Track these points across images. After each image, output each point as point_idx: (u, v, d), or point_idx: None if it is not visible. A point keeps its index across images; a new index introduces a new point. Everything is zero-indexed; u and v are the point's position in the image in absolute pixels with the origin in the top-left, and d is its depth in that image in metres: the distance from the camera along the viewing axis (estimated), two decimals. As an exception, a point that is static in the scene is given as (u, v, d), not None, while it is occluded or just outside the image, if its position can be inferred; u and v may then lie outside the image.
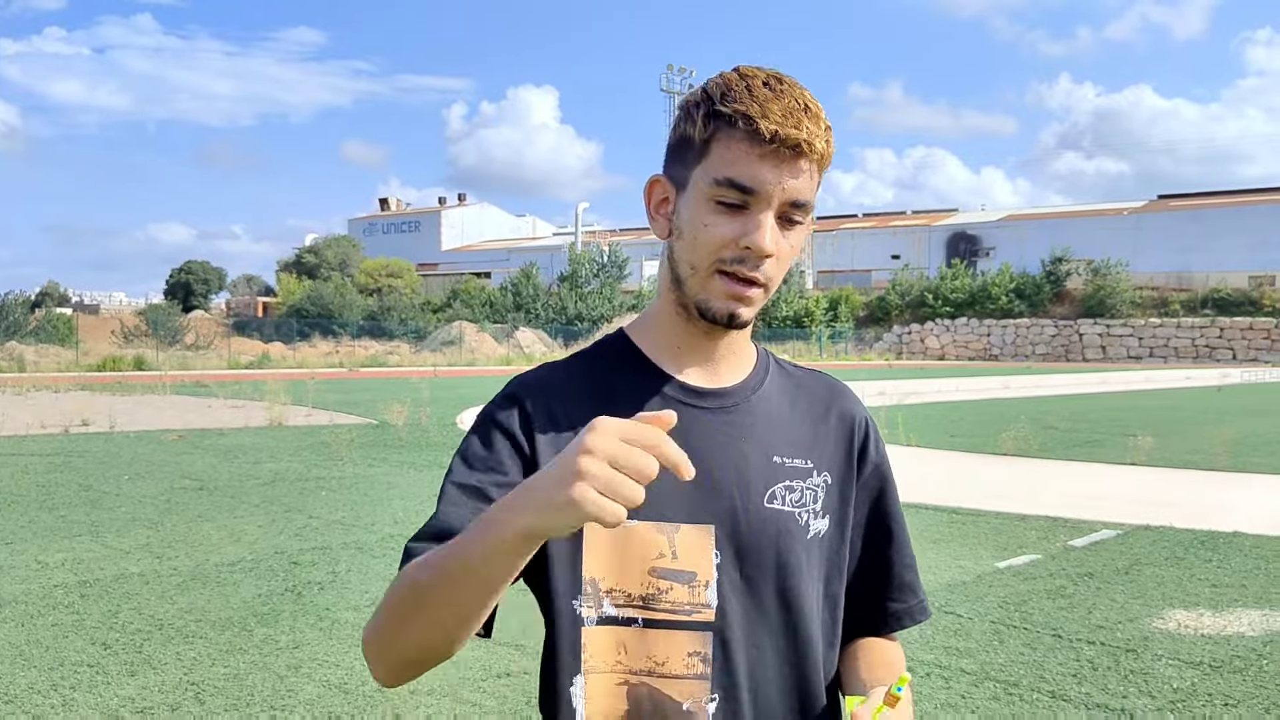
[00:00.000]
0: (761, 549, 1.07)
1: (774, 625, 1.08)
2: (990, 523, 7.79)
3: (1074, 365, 52.71)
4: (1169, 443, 13.14)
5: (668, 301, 1.10)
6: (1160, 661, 4.49)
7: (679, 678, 1.04)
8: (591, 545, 1.03)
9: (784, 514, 1.08)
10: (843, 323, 64.84)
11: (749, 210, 1.01)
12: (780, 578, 1.08)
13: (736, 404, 1.11)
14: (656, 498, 0.98)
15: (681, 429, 0.99)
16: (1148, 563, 6.41)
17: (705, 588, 1.04)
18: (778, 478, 1.09)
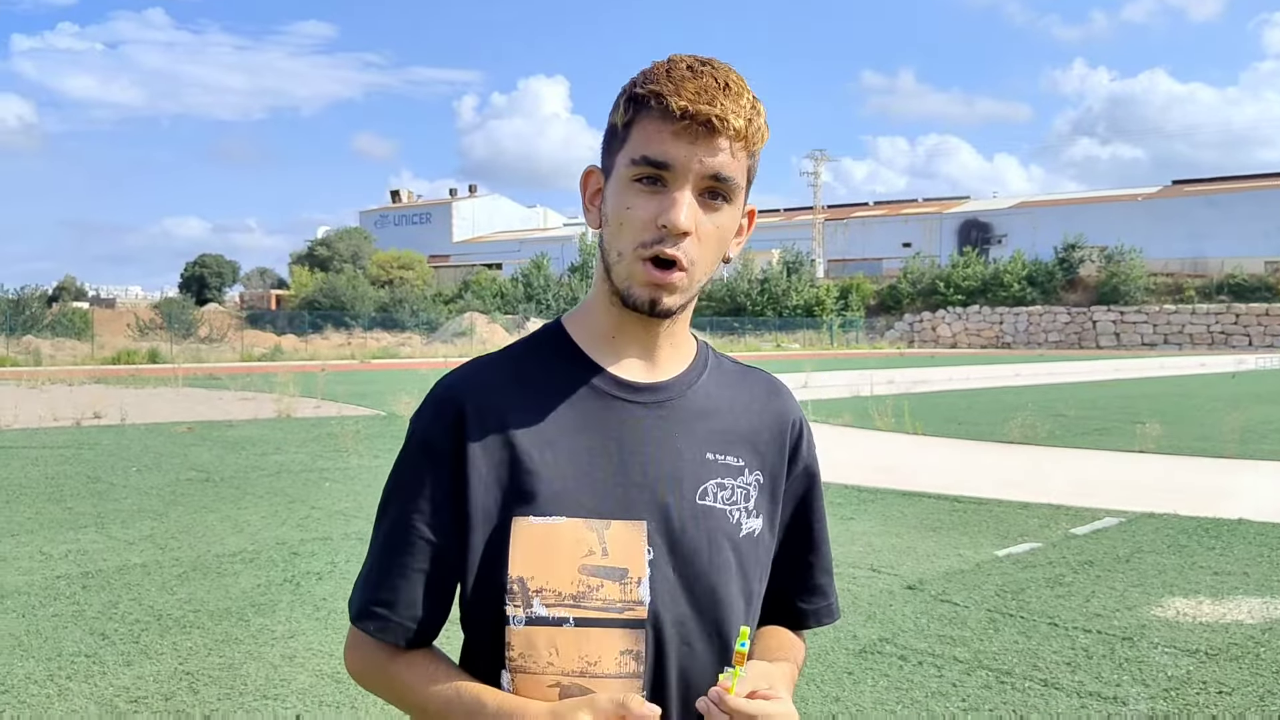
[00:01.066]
0: (694, 546, 1.06)
1: (704, 623, 1.07)
2: (992, 511, 7.76)
3: (1087, 353, 52.45)
4: (1178, 430, 13.07)
5: (601, 291, 1.09)
6: (1156, 649, 4.47)
7: (611, 677, 1.02)
8: (519, 544, 1.02)
9: (715, 511, 1.08)
10: (854, 311, 64.64)
11: (666, 188, 1.01)
12: (711, 575, 1.07)
13: (670, 398, 1.10)
14: (586, 494, 1.02)
15: (613, 422, 1.07)
16: (1149, 550, 6.38)
17: (638, 584, 1.03)
18: (710, 474, 1.08)
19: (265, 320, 57.49)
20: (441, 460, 1.06)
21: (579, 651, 1.02)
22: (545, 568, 1.02)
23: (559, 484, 1.03)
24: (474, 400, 1.07)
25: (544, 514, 1.03)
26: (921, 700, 3.88)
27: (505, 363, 1.12)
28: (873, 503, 8.13)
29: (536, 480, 1.03)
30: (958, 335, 62.72)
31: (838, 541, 6.61)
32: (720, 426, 1.12)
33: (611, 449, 1.06)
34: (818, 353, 46.62)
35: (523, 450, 1.04)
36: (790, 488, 1.18)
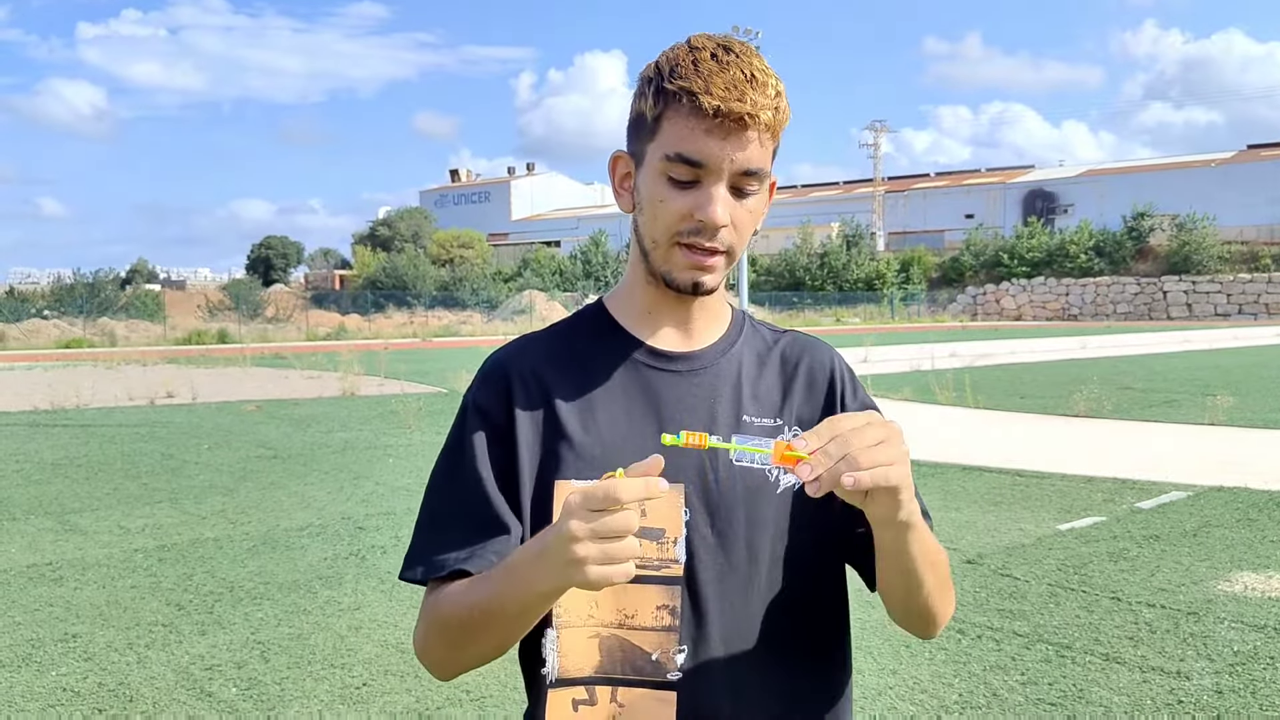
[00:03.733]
0: (730, 506, 1.10)
1: (744, 579, 1.10)
2: (1055, 485, 7.65)
3: (1157, 324, 51.12)
4: (1250, 402, 12.72)
5: (638, 271, 1.14)
6: (1222, 624, 4.40)
7: (648, 629, 1.08)
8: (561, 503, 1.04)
9: (753, 472, 1.10)
10: (915, 285, 63.73)
11: (701, 184, 1.05)
12: (750, 534, 1.10)
13: (705, 366, 1.15)
14: (626, 458, 1.00)
15: (651, 391, 1.13)
16: (1218, 525, 6.25)
17: (674, 544, 1.08)
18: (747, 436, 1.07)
19: (329, 300, 58.52)
20: (491, 423, 1.12)
21: (617, 604, 1.08)
22: None
23: (599, 449, 1.09)
24: (520, 371, 1.13)
25: (584, 476, 1.06)
26: (979, 674, 3.87)
27: (550, 339, 1.18)
28: (933, 477, 8.06)
29: (578, 445, 1.09)
30: (1022, 308, 61.54)
31: (896, 516, 6.58)
32: (754, 388, 1.15)
33: (650, 415, 1.11)
34: (878, 327, 46.09)
35: (565, 418, 1.10)
36: None
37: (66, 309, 43.12)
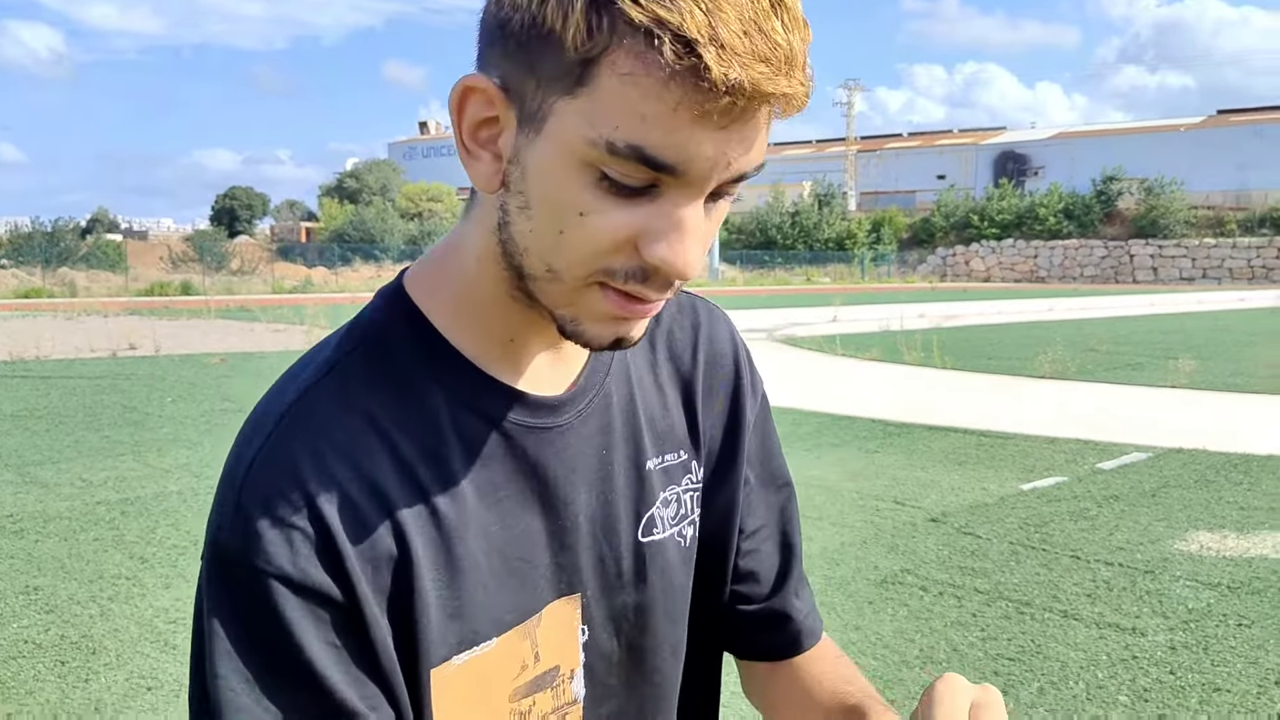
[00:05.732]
0: (642, 603, 0.79)
1: (658, 682, 0.83)
2: (1018, 445, 7.75)
3: (1123, 287, 51.71)
4: (1212, 365, 12.92)
5: (495, 279, 0.69)
6: (1178, 582, 4.49)
7: None
8: (443, 703, 0.69)
9: (666, 544, 0.80)
10: (886, 245, 63.97)
11: (662, 197, 0.60)
12: (667, 628, 0.81)
13: (591, 399, 0.77)
14: (515, 591, 0.72)
15: (531, 467, 0.73)
16: (1176, 485, 6.37)
17: (570, 679, 0.76)
18: (653, 493, 0.80)
19: (295, 253, 57.80)
20: (322, 610, 0.64)
21: None
22: (474, 717, 0.72)
23: (480, 594, 0.70)
24: (338, 496, 0.65)
25: (467, 648, 0.70)
26: (941, 629, 3.93)
27: (359, 395, 0.69)
28: (899, 437, 8.14)
29: (451, 603, 0.68)
30: (991, 269, 61.99)
31: (863, 475, 6.65)
32: (653, 414, 0.81)
33: (534, 509, 0.73)
34: (848, 287, 46.29)
35: (424, 562, 0.67)
36: (755, 432, 0.89)
37: (25, 258, 42.30)
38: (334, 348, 0.72)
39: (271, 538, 0.63)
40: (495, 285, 0.70)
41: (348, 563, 0.64)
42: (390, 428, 0.68)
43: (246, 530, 0.63)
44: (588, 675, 0.77)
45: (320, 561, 0.63)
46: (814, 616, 0.92)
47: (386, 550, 0.66)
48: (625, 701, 0.80)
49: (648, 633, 0.80)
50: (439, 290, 0.73)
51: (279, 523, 0.63)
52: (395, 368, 0.71)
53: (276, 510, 0.63)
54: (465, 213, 0.73)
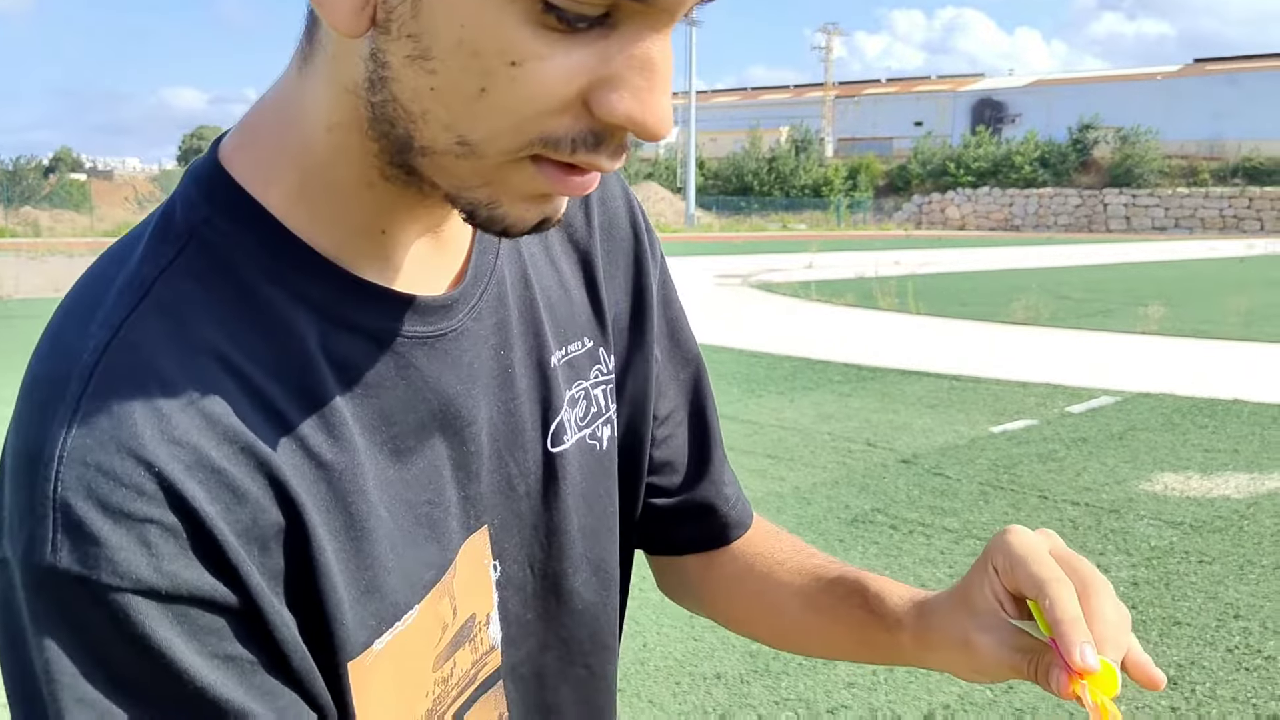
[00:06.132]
0: (555, 523, 0.66)
1: (580, 607, 0.70)
2: (990, 389, 7.82)
3: (1097, 236, 51.99)
4: (1181, 312, 13.05)
5: (358, 156, 0.52)
6: (1142, 521, 4.57)
7: None
8: (366, 698, 0.55)
9: (577, 451, 0.68)
10: (862, 192, 63.87)
11: (621, 30, 0.46)
12: (586, 546, 0.69)
13: (485, 291, 0.62)
14: (424, 545, 0.58)
15: (423, 388, 0.58)
16: (1143, 428, 6.45)
17: (486, 625, 0.64)
18: (559, 395, 0.67)
19: (267, 195, 56.97)
20: (205, 619, 0.48)
21: None
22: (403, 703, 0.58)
23: (392, 557, 0.55)
24: (197, 466, 0.47)
25: (388, 627, 0.55)
26: (910, 566, 3.98)
27: (189, 340, 0.50)
28: (872, 380, 8.18)
29: (362, 576, 0.54)
30: (966, 217, 62.10)
31: (835, 418, 6.70)
32: (552, 295, 0.68)
33: (435, 438, 0.59)
34: (824, 234, 46.25)
35: (320, 529, 0.52)
36: (663, 307, 0.77)
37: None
38: (141, 260, 0.52)
39: (117, 541, 0.45)
40: (358, 163, 0.52)
41: (227, 550, 0.47)
42: (246, 364, 0.51)
43: (76, 537, 0.45)
44: (502, 615, 0.64)
45: (191, 557, 0.46)
46: (741, 503, 0.84)
47: (272, 523, 0.50)
48: (546, 635, 0.67)
49: (564, 555, 0.67)
50: (276, 171, 0.54)
51: (124, 518, 0.45)
52: (236, 281, 0.52)
53: (116, 502, 0.45)
54: (299, 63, 0.53)
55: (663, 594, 0.89)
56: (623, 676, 3.14)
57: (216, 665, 0.48)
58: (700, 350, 0.82)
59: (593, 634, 0.70)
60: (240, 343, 0.51)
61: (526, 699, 0.67)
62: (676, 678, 3.14)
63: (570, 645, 0.69)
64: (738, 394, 7.58)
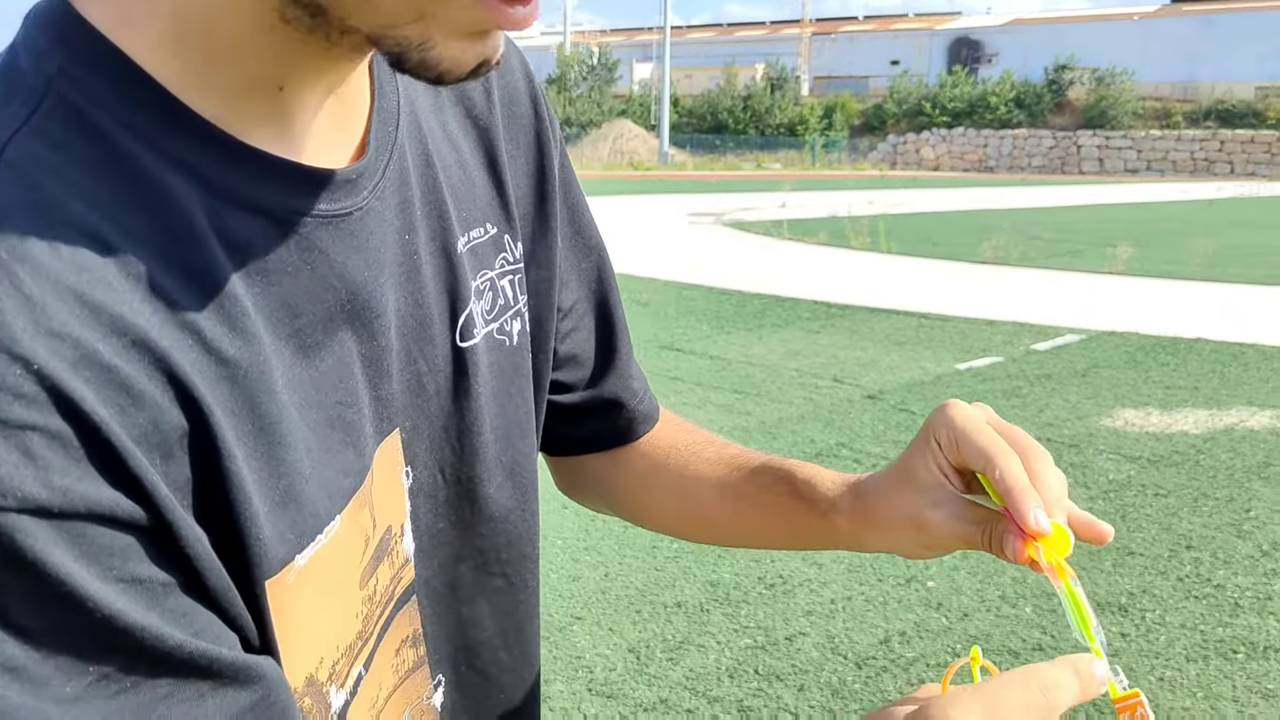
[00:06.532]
0: (465, 424, 0.62)
1: (495, 514, 0.65)
2: (958, 327, 7.86)
3: (1070, 178, 52.11)
4: (1149, 253, 13.14)
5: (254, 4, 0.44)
6: (1101, 456, 4.63)
7: (392, 691, 0.60)
8: (285, 620, 0.49)
9: (486, 345, 0.63)
10: (837, 132, 63.50)
11: None
12: (499, 448, 0.64)
13: (388, 166, 0.55)
14: (340, 449, 0.52)
15: (330, 267, 0.51)
16: (1106, 366, 6.52)
17: (401, 538, 0.59)
18: (466, 285, 0.61)
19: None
20: (105, 536, 0.41)
21: (376, 688, 0.58)
22: (332, 624, 0.53)
23: (307, 463, 0.49)
24: (84, 363, 0.40)
25: (310, 540, 0.50)
26: (871, 499, 4.03)
27: (55, 216, 0.42)
28: (841, 318, 8.20)
29: (276, 484, 0.48)
30: (941, 158, 61.97)
31: (803, 354, 6.72)
32: (453, 175, 0.62)
33: (344, 331, 0.52)
34: (799, 173, 46.03)
35: (227, 432, 0.45)
36: (564, 192, 0.73)
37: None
38: None
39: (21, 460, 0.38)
40: (248, 3, 0.44)
41: (127, 458, 0.41)
42: (126, 245, 0.43)
43: None
44: (415, 526, 0.59)
45: (86, 468, 0.40)
46: (649, 397, 0.81)
47: (174, 427, 0.43)
48: (460, 545, 0.63)
49: (476, 459, 0.62)
50: (140, 12, 0.44)
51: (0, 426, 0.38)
52: (107, 147, 0.44)
53: (28, 419, 0.38)
54: None
55: (561, 491, 0.87)
56: (584, 605, 3.17)
57: (124, 590, 0.41)
58: (603, 240, 0.79)
59: (510, 542, 0.66)
60: (118, 220, 0.43)
61: (441, 613, 0.62)
62: (637, 606, 3.17)
63: (486, 555, 0.65)
64: (706, 330, 7.58)
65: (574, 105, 58.25)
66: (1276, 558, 3.54)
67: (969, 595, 3.24)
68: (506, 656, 0.67)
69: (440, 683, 0.63)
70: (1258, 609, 3.17)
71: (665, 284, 9.79)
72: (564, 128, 37.56)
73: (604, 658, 2.86)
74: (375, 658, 0.57)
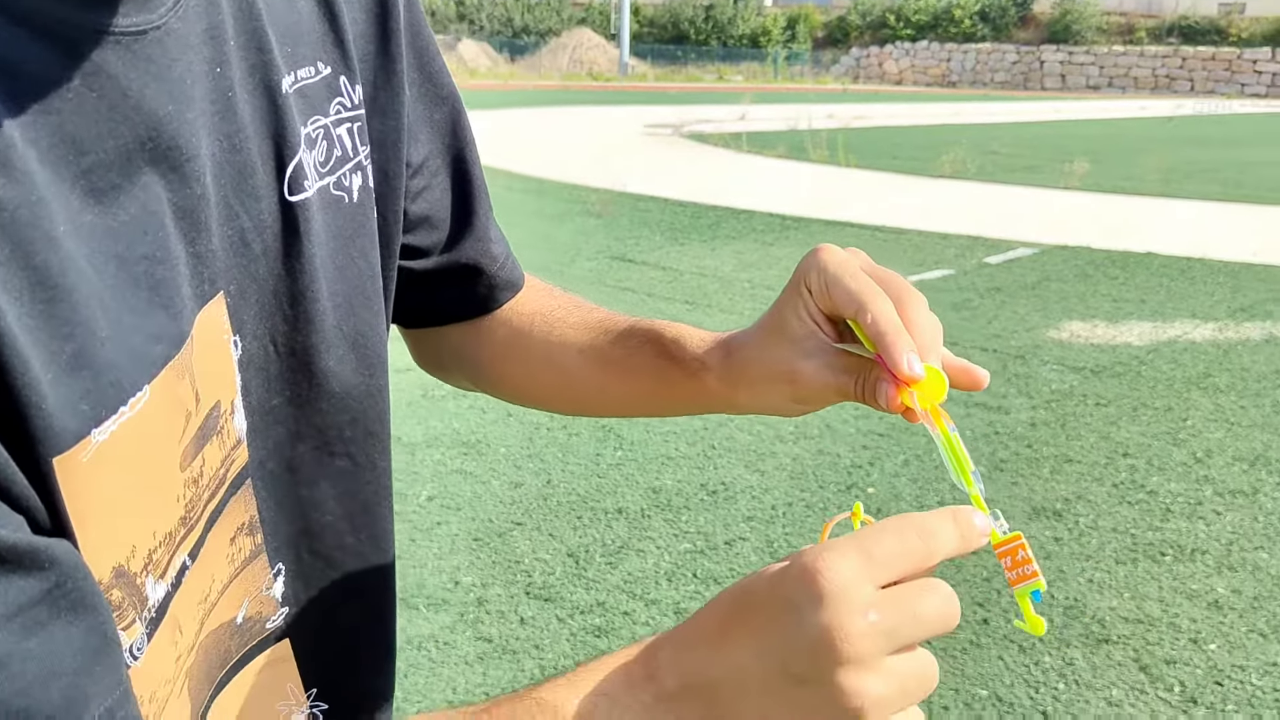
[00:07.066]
0: (298, 289, 0.55)
1: (337, 390, 0.58)
2: (912, 240, 7.85)
3: (1032, 94, 51.91)
4: (1105, 169, 13.16)
5: None
6: (1045, 366, 4.67)
7: (227, 584, 0.53)
8: (83, 503, 0.41)
9: (321, 200, 0.56)
10: (800, 44, 62.59)
11: None
12: (339, 316, 0.58)
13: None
14: (144, 308, 0.45)
15: (122, 95, 0.44)
16: (1056, 279, 6.55)
17: (231, 415, 0.52)
18: (294, 131, 0.54)
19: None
20: None
21: (208, 580, 0.51)
22: (147, 509, 0.46)
23: (102, 322, 0.42)
24: None
25: (110, 412, 0.42)
26: (820, 411, 4.02)
27: None
28: (795, 230, 8.15)
29: (61, 346, 0.40)
30: (904, 71, 61.40)
31: (756, 266, 6.67)
32: (275, 5, 0.55)
33: (146, 172, 0.45)
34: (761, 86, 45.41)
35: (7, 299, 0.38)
36: (411, 49, 0.66)
37: None
38: None
39: None
40: None
41: None
42: None
43: None
44: (246, 402, 0.53)
45: None
46: (511, 262, 0.76)
47: None
48: (298, 423, 0.56)
49: (312, 328, 0.55)
50: None
51: None
52: None
53: None
54: None
55: (419, 366, 0.82)
56: (524, 511, 3.16)
57: None
58: (456, 90, 0.71)
59: (354, 420, 0.60)
60: None
61: (278, 496, 0.56)
62: (578, 512, 3.16)
63: (327, 434, 0.58)
64: (660, 241, 7.50)
65: (532, 13, 56.77)
66: (1209, 465, 3.61)
67: (908, 501, 3.26)
68: (354, 541, 0.62)
69: (280, 571, 0.57)
70: (1187, 514, 3.23)
71: (620, 195, 9.66)
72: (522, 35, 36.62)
73: (543, 562, 2.86)
74: (205, 546, 0.51)
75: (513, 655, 2.43)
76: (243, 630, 0.56)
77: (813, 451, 3.66)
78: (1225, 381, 4.49)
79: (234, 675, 0.56)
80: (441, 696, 2.27)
